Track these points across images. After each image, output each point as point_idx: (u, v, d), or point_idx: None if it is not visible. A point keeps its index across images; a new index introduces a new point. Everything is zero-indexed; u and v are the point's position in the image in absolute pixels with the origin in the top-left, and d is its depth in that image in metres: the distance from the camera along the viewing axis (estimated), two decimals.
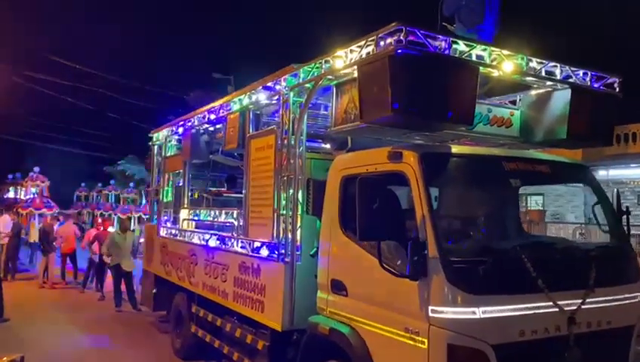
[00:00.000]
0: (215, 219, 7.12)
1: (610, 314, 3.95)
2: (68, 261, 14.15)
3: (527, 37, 4.62)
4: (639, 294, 4.21)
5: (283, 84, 5.31)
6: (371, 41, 4.02)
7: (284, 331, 4.94)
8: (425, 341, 3.53)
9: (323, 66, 4.70)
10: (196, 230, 7.57)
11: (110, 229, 13.62)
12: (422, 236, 3.62)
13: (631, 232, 4.61)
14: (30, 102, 30.68)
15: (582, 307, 3.78)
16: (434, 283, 3.52)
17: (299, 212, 5.03)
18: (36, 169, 22.28)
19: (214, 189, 8.45)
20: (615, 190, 4.72)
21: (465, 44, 4.06)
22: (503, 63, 4.23)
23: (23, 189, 22.51)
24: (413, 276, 3.58)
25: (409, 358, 3.63)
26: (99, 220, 17.84)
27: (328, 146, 6.02)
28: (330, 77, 4.66)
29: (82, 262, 13.88)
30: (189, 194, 8.15)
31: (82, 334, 8.96)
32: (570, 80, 4.60)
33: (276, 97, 5.61)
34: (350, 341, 4.13)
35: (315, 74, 4.83)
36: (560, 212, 19.07)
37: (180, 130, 8.46)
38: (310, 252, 4.96)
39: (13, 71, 21.19)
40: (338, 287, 4.42)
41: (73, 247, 13.88)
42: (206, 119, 7.44)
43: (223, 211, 6.87)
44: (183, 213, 7.98)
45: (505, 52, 4.23)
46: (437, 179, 3.83)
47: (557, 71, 4.54)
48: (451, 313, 3.48)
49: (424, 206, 3.67)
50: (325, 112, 5.66)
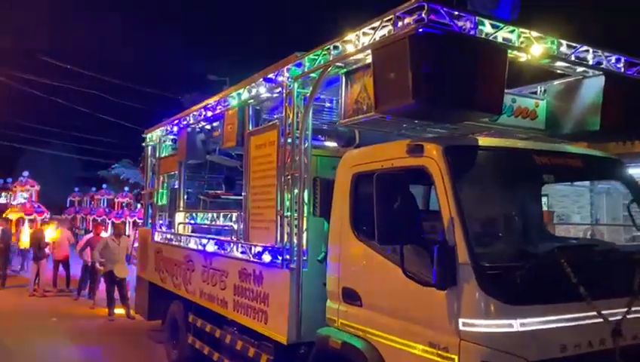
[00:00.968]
0: (213, 223, 6.68)
1: None
2: (60, 268, 13.64)
3: (548, 23, 4.18)
4: None
5: (286, 75, 4.89)
6: (388, 21, 3.60)
7: (290, 344, 4.51)
8: (455, 358, 3.11)
9: (331, 53, 4.28)
10: (193, 234, 7.13)
11: (103, 234, 13.13)
12: (450, 240, 3.19)
13: None
14: (21, 105, 30.20)
15: (627, 316, 3.37)
16: (465, 292, 3.10)
17: (304, 213, 4.60)
18: (25, 173, 21.71)
19: (212, 191, 8.00)
20: None
21: (491, 25, 3.65)
22: (532, 47, 3.82)
23: (12, 194, 21.97)
24: (440, 285, 3.16)
25: None
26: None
27: (331, 144, 5.60)
28: (339, 64, 4.24)
29: (76, 269, 13.38)
30: (185, 196, 7.71)
31: (73, 345, 8.49)
32: (601, 66, 4.20)
33: (278, 90, 5.19)
34: (366, 356, 3.71)
35: (322, 62, 4.41)
36: (565, 213, 18.65)
37: (175, 130, 8.02)
38: (318, 257, 4.53)
39: (2, 72, 20.71)
40: (351, 297, 3.99)
41: (67, 254, 13.38)
42: (202, 116, 7.01)
43: (221, 214, 6.42)
44: (179, 217, 7.53)
45: (534, 34, 3.83)
46: (463, 175, 3.42)
47: (589, 56, 4.13)
48: (485, 326, 3.06)
49: (452, 205, 3.25)
50: (330, 105, 5.25)
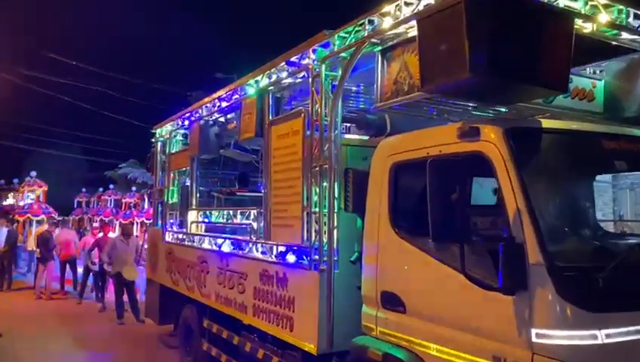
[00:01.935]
0: (229, 221, 6.24)
1: None
2: (67, 269, 13.25)
3: None
4: None
5: (312, 57, 4.44)
6: None
7: (320, 354, 4.06)
8: None
9: (366, 28, 3.82)
10: (207, 234, 6.69)
11: (111, 235, 12.73)
12: (518, 236, 2.73)
13: None
14: (28, 105, 29.95)
15: None
16: (538, 297, 2.64)
17: (335, 209, 4.15)
18: (32, 173, 21.37)
19: (227, 188, 7.56)
20: None
21: None
22: (600, 15, 3.35)
23: (19, 195, 21.62)
24: (508, 289, 2.69)
25: None
26: (94, 225, 16.96)
27: (352, 136, 5.13)
28: (374, 40, 3.78)
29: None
30: (198, 194, 7.27)
31: (81, 351, 8.08)
32: None
33: (302, 74, 4.74)
34: None
35: (354, 39, 3.96)
36: None
37: (186, 124, 7.59)
38: (351, 258, 4.07)
39: (7, 69, 20.40)
40: (392, 302, 3.53)
41: (72, 253, 12.98)
42: (216, 108, 6.57)
43: (239, 212, 5.98)
44: (191, 216, 7.08)
45: (602, 1, 3.35)
46: (528, 161, 2.95)
47: None
48: (564, 337, 2.60)
49: (518, 195, 2.79)
50: (357, 88, 4.79)
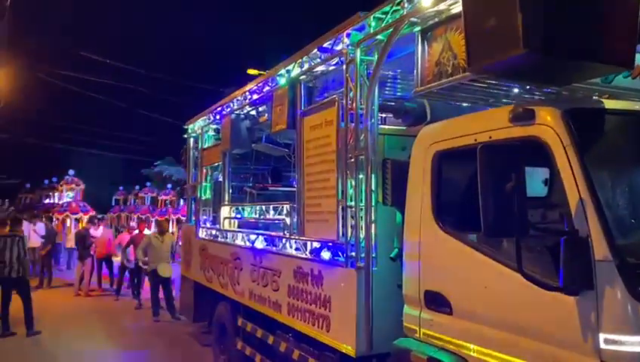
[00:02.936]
0: (261, 217, 6.06)
1: None
2: (104, 267, 13.41)
3: None
4: None
5: (346, 42, 4.20)
6: None
7: (359, 357, 3.82)
8: None
9: (405, 6, 3.55)
10: (240, 230, 6.53)
11: (146, 232, 12.80)
12: (581, 229, 2.43)
13: None
14: (65, 105, 30.63)
15: None
16: (607, 298, 2.33)
17: (372, 203, 3.90)
18: (71, 172, 21.82)
19: (259, 184, 7.40)
20: None
21: None
22: None
23: (58, 193, 22.12)
24: (570, 289, 2.40)
25: None
26: (131, 223, 17.14)
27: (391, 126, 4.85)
28: (413, 19, 3.51)
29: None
30: (230, 190, 7.12)
31: (117, 348, 8.08)
32: None
33: (335, 61, 4.50)
34: None
35: (391, 20, 3.69)
36: None
37: (218, 118, 7.46)
38: (391, 254, 3.82)
39: (44, 70, 20.83)
40: (437, 302, 3.27)
41: (108, 252, 13.11)
42: (247, 101, 6.40)
43: (271, 207, 5.79)
44: (224, 211, 6.95)
45: None
46: (590, 146, 2.64)
47: None
48: (637, 344, 2.29)
49: (581, 185, 2.49)
50: (393, 75, 4.52)
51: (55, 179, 23.94)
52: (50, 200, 24.12)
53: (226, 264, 6.50)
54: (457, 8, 3.07)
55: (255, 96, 6.17)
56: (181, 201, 23.60)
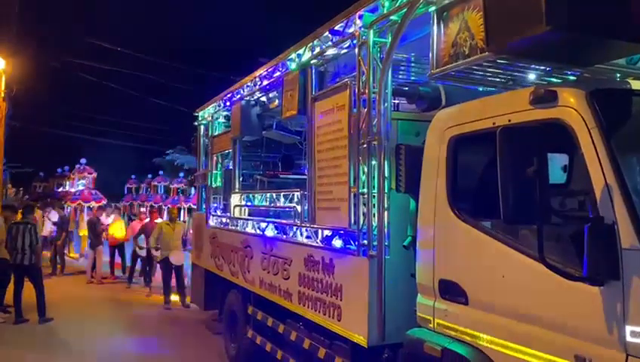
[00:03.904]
0: (272, 205, 5.98)
1: None
2: (116, 254, 13.46)
3: None
4: None
5: (358, 23, 4.07)
6: None
7: (371, 347, 3.74)
8: None
9: None
10: (250, 218, 6.46)
11: (158, 221, 12.80)
12: (607, 216, 2.30)
13: None
14: (77, 93, 30.72)
15: None
16: (635, 288, 2.21)
17: (385, 189, 3.79)
18: (83, 160, 21.91)
19: (270, 171, 7.31)
20: None
21: None
22: None
23: (70, 182, 22.25)
24: (594, 278, 2.28)
25: None
26: (142, 210, 17.19)
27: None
28: None
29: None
30: (241, 177, 7.04)
31: (128, 335, 8.09)
32: None
33: (347, 44, 4.37)
34: None
35: None
36: None
37: (228, 105, 7.37)
38: (404, 242, 3.72)
39: (56, 58, 20.86)
40: (451, 292, 3.17)
41: (120, 239, 13.14)
42: (258, 87, 6.29)
43: (282, 194, 5.70)
44: (235, 199, 6.88)
45: None
46: (617, 129, 2.51)
47: None
48: None
49: (607, 170, 2.36)
50: (407, 58, 4.38)
51: (67, 168, 24.07)
52: (63, 188, 24.30)
53: (237, 252, 6.44)
54: None
55: (265, 81, 6.06)
56: (192, 190, 23.64)
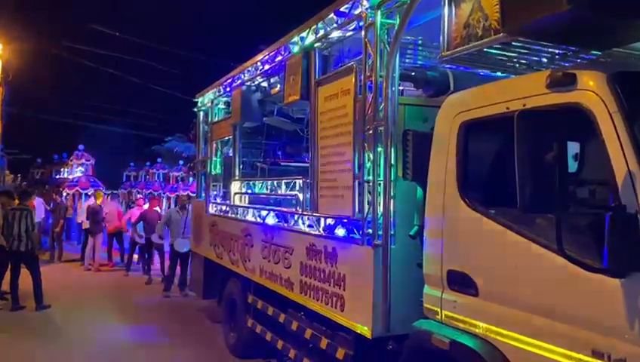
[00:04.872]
0: (273, 193, 5.87)
1: None
2: (114, 242, 13.36)
3: None
4: None
5: (365, 4, 3.92)
6: None
7: (375, 338, 3.64)
8: None
9: None
10: (251, 205, 6.35)
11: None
12: (630, 205, 2.19)
13: None
14: (75, 79, 30.43)
15: None
16: None
17: (391, 177, 3.67)
18: (81, 147, 21.72)
19: (270, 159, 7.19)
20: None
21: None
22: None
23: (68, 169, 22.07)
24: (616, 270, 2.17)
25: None
26: (138, 196, 17.06)
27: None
28: None
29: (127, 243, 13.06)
30: (241, 165, 6.92)
31: (127, 324, 8.01)
32: None
33: (353, 26, 4.23)
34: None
35: None
36: None
37: (228, 90, 7.23)
38: (410, 232, 3.61)
39: (53, 43, 20.61)
40: (461, 282, 3.06)
41: (118, 226, 13.03)
42: (259, 71, 6.15)
43: (284, 182, 5.59)
44: (235, 187, 6.76)
45: None
46: (639, 114, 2.39)
47: None
48: None
49: (630, 156, 2.24)
50: (411, 38, 4.24)
51: (65, 155, 23.87)
52: (60, 175, 24.12)
53: (237, 240, 6.34)
54: None
55: (267, 66, 5.92)
56: (191, 178, 23.48)
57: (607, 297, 2.25)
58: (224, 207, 7.12)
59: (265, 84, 6.39)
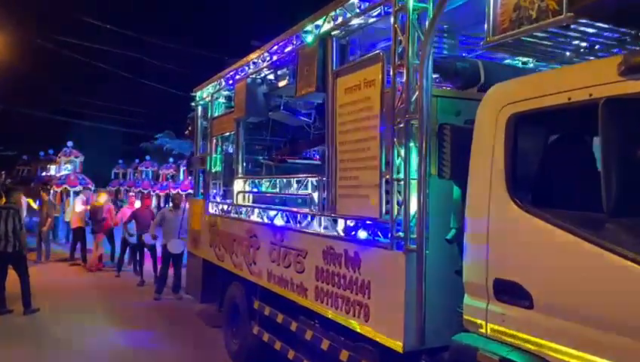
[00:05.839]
0: (282, 191, 5.52)
1: None
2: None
3: None
4: None
5: None
6: None
7: (407, 352, 3.33)
8: None
9: None
10: (257, 205, 6.00)
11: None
12: None
13: None
14: (62, 74, 29.74)
15: None
16: None
17: (425, 175, 3.35)
18: (69, 143, 21.15)
19: (278, 155, 6.84)
20: None
21: None
22: None
23: (55, 166, 21.47)
24: None
25: None
26: (130, 195, 16.60)
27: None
28: None
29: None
30: (244, 162, 6.56)
31: (119, 328, 7.60)
32: None
33: (377, 11, 3.91)
34: None
35: None
36: None
37: (230, 84, 6.86)
38: (447, 235, 3.29)
39: (41, 35, 20.03)
40: (511, 293, 2.75)
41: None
42: (266, 63, 5.80)
43: (294, 180, 5.25)
44: (238, 185, 6.40)
45: None
46: None
47: None
48: None
49: None
50: (438, 29, 3.92)
51: (52, 152, 23.26)
52: (47, 172, 23.52)
53: (240, 242, 5.99)
54: None
55: (275, 57, 5.57)
56: (181, 175, 23.00)
57: None
58: (226, 207, 6.76)
59: (271, 77, 6.05)
